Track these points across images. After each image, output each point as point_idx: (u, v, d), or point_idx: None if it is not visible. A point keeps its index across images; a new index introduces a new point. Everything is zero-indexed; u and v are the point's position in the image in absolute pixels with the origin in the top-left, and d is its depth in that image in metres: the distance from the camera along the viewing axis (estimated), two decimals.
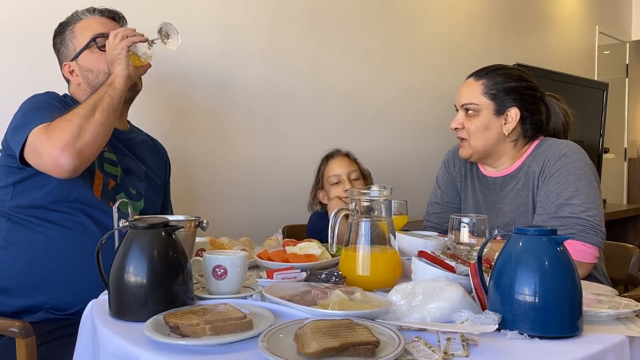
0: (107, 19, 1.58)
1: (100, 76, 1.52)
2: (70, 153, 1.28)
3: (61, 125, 1.30)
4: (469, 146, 1.64)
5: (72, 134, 1.29)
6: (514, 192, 1.63)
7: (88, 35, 1.54)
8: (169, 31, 1.48)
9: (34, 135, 1.31)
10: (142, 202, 1.59)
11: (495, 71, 1.65)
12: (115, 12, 1.62)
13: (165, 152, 1.79)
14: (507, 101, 1.61)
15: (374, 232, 1.21)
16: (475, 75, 1.66)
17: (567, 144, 1.58)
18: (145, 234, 1.02)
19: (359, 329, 0.86)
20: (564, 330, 0.91)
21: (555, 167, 1.53)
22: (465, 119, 1.64)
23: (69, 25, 1.57)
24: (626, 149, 5.35)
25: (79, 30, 1.55)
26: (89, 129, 1.32)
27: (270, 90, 2.45)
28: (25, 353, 1.16)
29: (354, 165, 2.02)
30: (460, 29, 3.40)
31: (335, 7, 2.68)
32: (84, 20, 1.56)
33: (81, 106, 1.36)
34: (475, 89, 1.63)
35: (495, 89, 1.61)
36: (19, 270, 1.40)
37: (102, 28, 1.55)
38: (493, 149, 1.65)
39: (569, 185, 1.49)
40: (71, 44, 1.56)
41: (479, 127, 1.61)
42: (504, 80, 1.62)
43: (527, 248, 0.95)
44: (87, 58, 1.54)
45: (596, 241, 1.45)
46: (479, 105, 1.61)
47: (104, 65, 1.51)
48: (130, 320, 0.99)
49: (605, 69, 4.95)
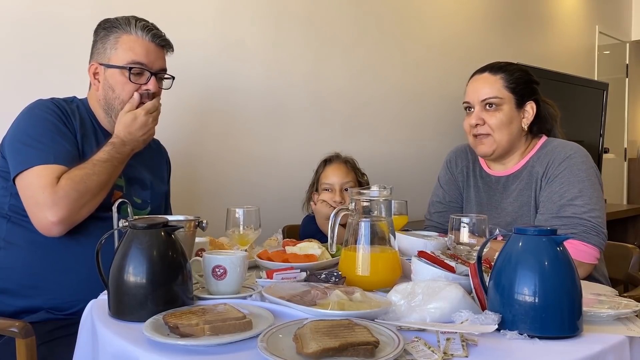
0: (155, 46, 1.51)
1: (118, 101, 1.49)
2: (65, 226, 1.34)
3: (69, 194, 1.32)
4: (492, 142, 1.61)
5: (74, 209, 1.33)
6: (517, 191, 1.63)
7: (129, 56, 1.47)
8: None
9: (36, 180, 1.33)
10: (147, 211, 1.59)
11: (510, 66, 1.65)
12: (167, 41, 1.55)
13: (166, 153, 1.79)
14: (525, 95, 1.62)
15: (373, 232, 1.21)
16: (490, 70, 1.64)
17: (572, 146, 1.58)
18: (145, 234, 1.02)
19: (358, 329, 0.86)
20: (563, 330, 0.91)
21: (559, 169, 1.53)
22: (485, 114, 1.61)
23: (117, 30, 1.49)
24: (626, 149, 5.35)
25: (122, 44, 1.48)
26: (90, 204, 1.36)
27: (271, 90, 2.45)
28: (25, 353, 1.16)
29: (351, 175, 1.97)
30: (460, 29, 3.40)
31: (335, 7, 2.68)
32: (133, 37, 1.48)
33: (96, 173, 1.36)
34: (495, 83, 1.61)
35: (515, 82, 1.61)
36: (19, 270, 1.40)
37: (144, 57, 1.48)
38: (512, 144, 1.63)
39: (573, 186, 1.49)
40: (109, 50, 1.49)
41: (504, 121, 1.59)
42: (521, 75, 1.63)
43: (527, 248, 0.94)
44: (115, 76, 1.49)
45: (597, 242, 1.45)
46: (502, 99, 1.59)
47: (126, 94, 1.49)
48: (129, 321, 0.99)
49: (605, 69, 4.95)
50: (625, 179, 5.33)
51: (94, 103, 1.54)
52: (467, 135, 1.69)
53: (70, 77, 1.80)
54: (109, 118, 1.53)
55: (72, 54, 1.85)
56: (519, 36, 3.86)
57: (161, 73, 1.55)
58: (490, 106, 1.60)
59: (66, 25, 1.86)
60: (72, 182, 1.33)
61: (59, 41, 1.85)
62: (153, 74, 1.51)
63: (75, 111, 1.50)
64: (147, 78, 1.50)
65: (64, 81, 1.79)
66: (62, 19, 1.85)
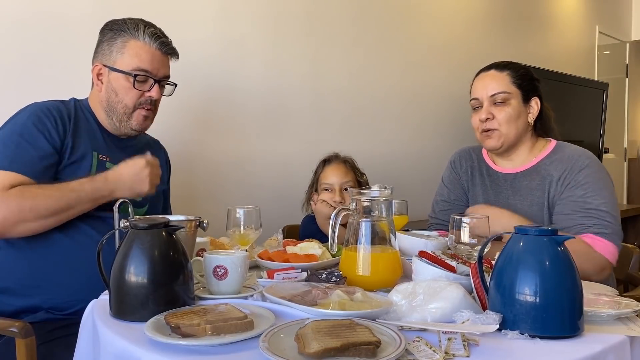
0: (162, 54, 1.51)
1: (120, 105, 1.50)
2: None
3: (10, 205, 1.28)
4: (499, 136, 1.65)
5: (9, 221, 1.29)
6: (527, 190, 1.66)
7: (134, 63, 1.47)
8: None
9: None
10: (145, 209, 1.59)
11: (513, 64, 1.71)
12: (174, 50, 1.55)
13: (166, 153, 1.79)
14: (530, 91, 1.68)
15: (374, 232, 1.21)
16: (496, 68, 1.70)
17: (587, 155, 1.63)
18: (146, 234, 1.02)
19: (359, 329, 0.86)
20: (564, 330, 0.92)
21: (580, 176, 1.57)
22: (494, 109, 1.65)
23: (124, 34, 1.48)
24: (626, 149, 5.35)
25: (129, 50, 1.48)
26: (31, 225, 1.32)
27: (271, 90, 2.45)
28: (25, 353, 1.16)
29: (350, 174, 1.97)
30: (460, 29, 3.40)
31: (335, 7, 2.68)
32: (140, 44, 1.48)
33: (52, 197, 1.32)
34: (502, 79, 1.66)
35: (521, 78, 1.67)
36: (19, 270, 1.40)
37: (150, 65, 1.48)
38: (520, 138, 1.68)
39: (596, 194, 1.55)
40: (115, 54, 1.49)
41: (513, 115, 1.64)
42: (525, 72, 1.69)
43: (528, 248, 0.95)
44: (120, 81, 1.49)
45: (618, 245, 1.52)
46: (510, 94, 1.64)
47: (129, 99, 1.49)
48: (131, 321, 0.99)
49: (605, 69, 4.95)
50: (625, 179, 5.34)
51: (96, 104, 1.55)
52: (475, 131, 1.72)
53: (70, 78, 1.80)
54: (110, 120, 1.53)
55: (72, 54, 1.85)
56: (519, 36, 3.86)
57: (164, 80, 1.56)
58: (499, 101, 1.65)
59: (66, 25, 1.86)
60: (20, 195, 1.30)
61: (59, 41, 1.85)
62: (157, 81, 1.52)
63: (71, 112, 1.49)
64: (151, 85, 1.51)
65: (64, 81, 1.79)
66: (62, 19, 1.85)
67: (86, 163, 1.46)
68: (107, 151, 1.52)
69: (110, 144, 1.55)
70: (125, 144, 1.60)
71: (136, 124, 1.54)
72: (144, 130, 1.59)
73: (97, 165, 1.47)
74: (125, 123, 1.53)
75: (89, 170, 1.45)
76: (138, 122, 1.54)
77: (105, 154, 1.51)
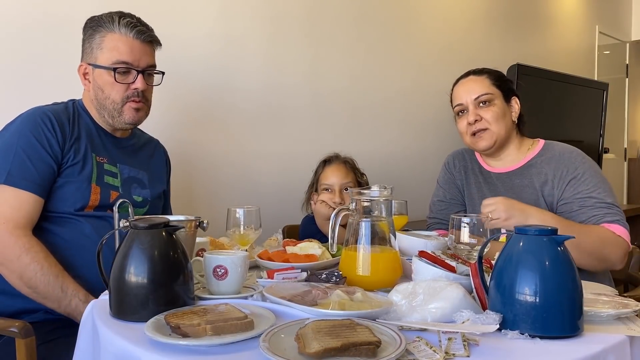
0: (141, 42, 1.48)
1: (109, 101, 1.49)
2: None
3: (25, 260, 1.31)
4: (492, 134, 1.69)
5: (7, 262, 1.32)
6: (520, 188, 1.68)
7: (113, 56, 1.45)
8: None
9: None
10: (145, 209, 1.59)
11: (488, 68, 1.78)
12: (154, 37, 1.52)
13: (166, 153, 1.79)
14: (509, 91, 1.73)
15: (374, 232, 1.21)
16: (474, 73, 1.76)
17: (577, 152, 1.67)
18: (146, 234, 1.02)
19: (360, 329, 0.86)
20: (564, 330, 0.92)
21: (578, 173, 1.61)
22: (480, 110, 1.69)
23: (101, 29, 1.47)
24: (626, 149, 5.35)
25: (107, 43, 1.46)
26: (12, 279, 1.34)
27: (271, 90, 2.45)
28: (25, 353, 1.16)
29: (350, 175, 1.97)
30: (460, 29, 3.40)
31: (335, 6, 2.68)
32: (117, 36, 1.46)
33: (46, 282, 1.32)
34: (483, 81, 1.72)
35: (498, 80, 1.73)
36: None
37: (129, 56, 1.46)
38: (508, 136, 1.72)
39: (598, 187, 1.58)
40: (96, 50, 1.48)
41: (499, 114, 1.68)
42: (501, 74, 1.77)
43: (528, 248, 0.95)
44: (103, 77, 1.48)
45: (629, 230, 1.57)
46: (493, 95, 1.70)
47: (115, 93, 1.48)
48: (131, 321, 0.99)
49: (605, 69, 4.95)
50: (625, 179, 5.33)
51: (88, 103, 1.55)
52: (464, 136, 1.74)
53: (70, 78, 1.79)
54: (103, 118, 1.53)
55: (71, 55, 1.84)
56: (519, 36, 3.86)
57: (149, 69, 1.52)
58: (483, 103, 1.70)
59: (66, 25, 1.85)
60: (34, 259, 1.32)
61: (58, 42, 1.84)
62: (140, 72, 1.49)
63: (70, 116, 1.49)
64: (134, 76, 1.49)
65: (63, 82, 1.79)
66: (61, 20, 1.85)
67: (87, 165, 1.46)
68: (104, 152, 1.52)
69: (108, 145, 1.55)
70: (125, 143, 1.60)
71: (129, 117, 1.51)
72: (138, 123, 1.56)
73: (96, 166, 1.47)
74: (118, 119, 1.51)
75: (90, 172, 1.46)
76: (130, 116, 1.51)
77: (102, 156, 1.51)
